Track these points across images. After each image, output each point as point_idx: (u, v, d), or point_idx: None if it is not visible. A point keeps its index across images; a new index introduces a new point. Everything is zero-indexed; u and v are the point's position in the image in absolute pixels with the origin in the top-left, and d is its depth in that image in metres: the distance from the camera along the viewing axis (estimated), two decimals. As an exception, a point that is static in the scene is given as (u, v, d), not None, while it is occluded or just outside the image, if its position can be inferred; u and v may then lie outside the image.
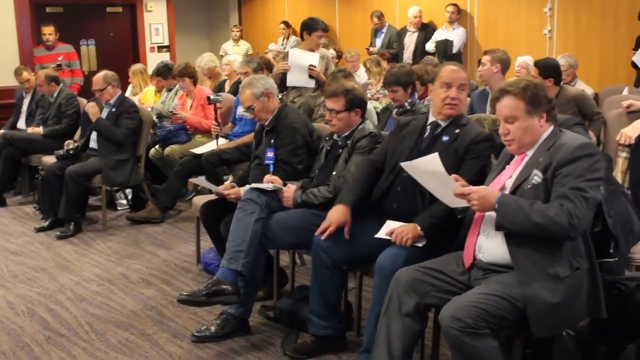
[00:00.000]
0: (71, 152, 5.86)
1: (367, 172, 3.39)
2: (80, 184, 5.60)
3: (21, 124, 7.25)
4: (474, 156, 3.11)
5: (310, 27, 5.97)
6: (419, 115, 3.68)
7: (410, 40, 9.22)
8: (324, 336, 3.36)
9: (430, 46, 8.88)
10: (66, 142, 6.00)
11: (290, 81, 5.80)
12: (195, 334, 3.59)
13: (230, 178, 5.01)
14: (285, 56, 6.00)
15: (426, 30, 9.14)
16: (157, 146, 6.25)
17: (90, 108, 5.77)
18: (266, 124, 4.18)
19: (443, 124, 3.24)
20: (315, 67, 5.74)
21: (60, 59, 8.42)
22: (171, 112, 6.34)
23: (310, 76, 5.76)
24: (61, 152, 5.87)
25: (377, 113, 5.30)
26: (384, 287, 2.90)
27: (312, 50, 5.92)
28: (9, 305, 4.18)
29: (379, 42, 9.70)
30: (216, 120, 5.79)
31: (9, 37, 8.96)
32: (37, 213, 6.14)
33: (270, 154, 4.12)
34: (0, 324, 3.90)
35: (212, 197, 4.35)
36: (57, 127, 6.63)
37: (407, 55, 9.16)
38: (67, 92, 6.95)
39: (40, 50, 8.59)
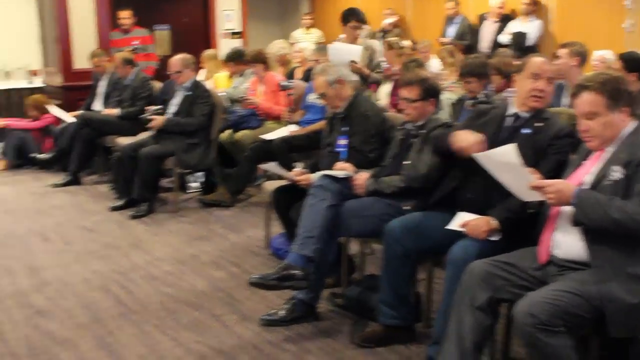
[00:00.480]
0: (158, 112, 5.94)
1: None
2: (154, 165, 5.73)
3: (96, 105, 7.46)
4: (554, 151, 3.04)
5: (344, 18, 5.89)
6: (499, 104, 3.61)
7: (488, 30, 9.04)
8: (392, 326, 3.35)
9: (504, 38, 8.70)
10: (147, 108, 6.09)
11: None
12: (264, 317, 3.64)
13: (301, 164, 5.04)
14: (325, 51, 5.93)
15: (506, 21, 8.94)
16: (228, 131, 6.33)
17: (154, 123, 5.85)
18: (339, 111, 4.18)
19: (525, 116, 3.18)
20: (356, 62, 5.66)
21: (136, 43, 8.58)
22: (242, 97, 6.41)
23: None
24: (147, 115, 5.96)
25: (452, 104, 5.24)
26: (455, 280, 2.87)
27: (353, 43, 5.83)
28: (85, 280, 4.32)
29: (450, 31, 9.55)
30: (287, 106, 5.83)
31: (87, 21, 9.20)
32: (112, 192, 6.30)
33: (342, 142, 4.12)
34: (77, 298, 4.05)
35: (283, 182, 4.39)
36: (132, 110, 6.79)
37: (485, 45, 8.97)
38: (142, 76, 7.12)
39: (116, 34, 8.77)
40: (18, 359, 3.35)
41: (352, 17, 5.85)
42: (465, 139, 3.14)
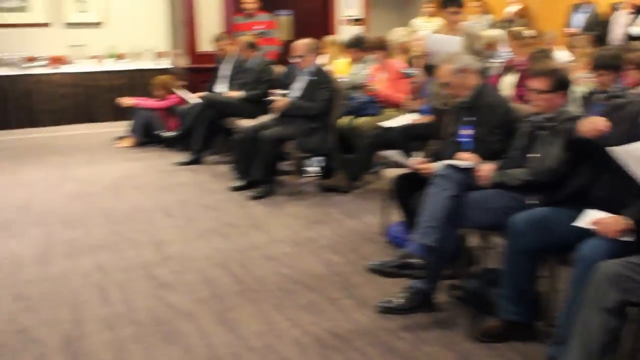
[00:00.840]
0: (284, 95, 6.05)
1: None
2: (274, 148, 5.83)
3: (217, 87, 7.65)
4: (693, 150, 2.88)
5: (443, 3, 5.71)
6: (635, 99, 3.45)
7: (620, 22, 8.62)
8: (512, 322, 3.28)
9: (637, 30, 8.28)
10: (272, 91, 6.20)
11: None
12: (381, 304, 3.64)
13: (421, 153, 5.00)
14: (423, 39, 5.78)
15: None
16: (348, 117, 6.35)
17: (278, 104, 5.93)
18: (464, 100, 4.11)
19: (663, 111, 3.02)
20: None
21: (260, 27, 8.72)
22: (362, 83, 6.42)
23: None
24: (277, 95, 6.06)
25: (583, 97, 5.04)
26: (582, 279, 2.78)
27: (452, 29, 5.65)
28: (206, 257, 4.46)
29: (576, 20, 9.16)
30: (408, 94, 5.78)
31: (213, 5, 9.48)
32: (232, 173, 6.45)
33: (465, 132, 4.04)
34: (198, 273, 4.19)
35: (402, 170, 4.36)
36: (255, 93, 6.95)
37: (615, 37, 8.56)
38: (264, 60, 7.27)
39: (240, 19, 8.95)
40: (142, 327, 3.50)
41: (451, 2, 5.70)
42: (587, 122, 3.02)
